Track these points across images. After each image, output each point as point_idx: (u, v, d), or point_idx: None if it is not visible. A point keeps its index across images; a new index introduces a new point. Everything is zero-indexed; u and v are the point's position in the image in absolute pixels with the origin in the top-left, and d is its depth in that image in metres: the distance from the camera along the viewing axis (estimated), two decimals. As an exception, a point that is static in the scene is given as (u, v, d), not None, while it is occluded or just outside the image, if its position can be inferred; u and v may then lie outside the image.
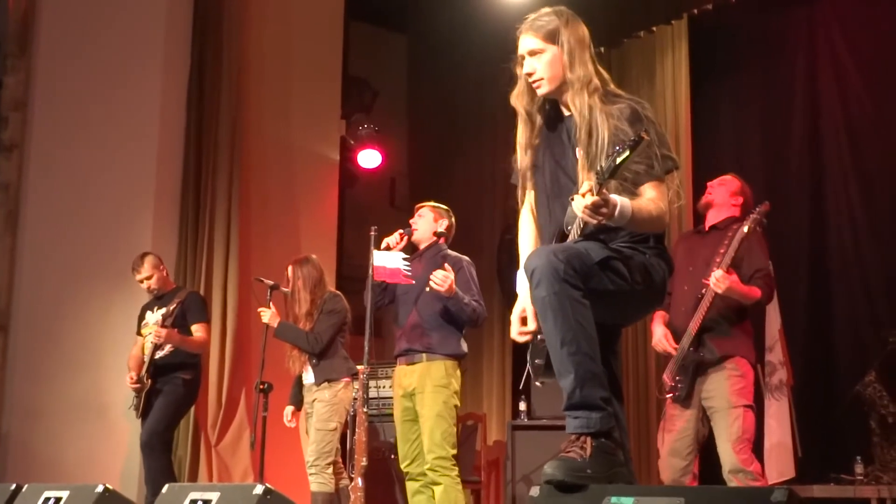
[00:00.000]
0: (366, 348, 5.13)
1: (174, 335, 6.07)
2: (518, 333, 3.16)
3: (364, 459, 5.14)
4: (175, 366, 6.15)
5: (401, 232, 5.21)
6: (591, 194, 2.70)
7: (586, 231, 2.96)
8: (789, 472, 6.32)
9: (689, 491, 2.72)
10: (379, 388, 7.06)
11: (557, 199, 3.13)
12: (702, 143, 7.92)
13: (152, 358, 6.10)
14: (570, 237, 2.99)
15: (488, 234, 9.38)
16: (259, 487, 3.17)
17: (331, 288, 6.27)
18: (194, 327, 6.24)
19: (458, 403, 5.13)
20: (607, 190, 2.74)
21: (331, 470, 5.78)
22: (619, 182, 2.79)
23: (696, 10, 7.84)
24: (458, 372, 5.17)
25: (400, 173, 10.14)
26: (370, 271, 5.16)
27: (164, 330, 6.03)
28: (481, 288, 5.34)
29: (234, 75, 7.44)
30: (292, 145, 7.89)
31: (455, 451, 5.00)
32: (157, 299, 6.33)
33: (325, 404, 5.85)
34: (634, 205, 2.84)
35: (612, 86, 3.14)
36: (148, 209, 7.16)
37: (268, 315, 5.91)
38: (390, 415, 6.48)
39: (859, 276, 7.16)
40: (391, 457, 6.68)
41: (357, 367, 5.92)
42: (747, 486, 4.24)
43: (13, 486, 4.01)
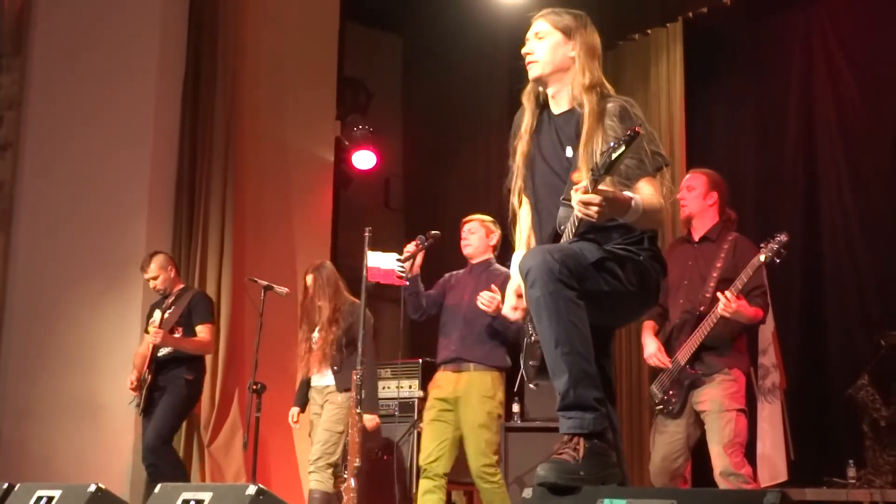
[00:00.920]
0: (359, 349, 5.14)
1: (168, 337, 6.08)
2: (511, 308, 3.17)
3: (357, 460, 5.14)
4: (177, 362, 6.15)
5: (416, 242, 5.29)
6: (588, 191, 2.71)
7: (580, 230, 2.96)
8: (782, 476, 6.33)
9: (682, 493, 2.73)
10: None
11: (549, 199, 3.14)
12: (696, 146, 7.93)
13: (154, 355, 6.12)
14: (564, 237, 2.99)
15: (482, 235, 9.37)
16: (252, 488, 3.16)
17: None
18: (199, 328, 6.25)
19: (501, 413, 5.37)
20: (605, 186, 2.75)
21: (331, 471, 5.88)
22: (614, 179, 2.79)
23: (690, 13, 7.86)
24: (503, 383, 5.36)
25: (395, 174, 10.13)
26: (364, 272, 5.17)
27: (160, 331, 6.06)
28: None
29: (229, 75, 7.43)
30: (287, 146, 7.88)
31: (498, 458, 5.29)
32: (166, 298, 6.35)
33: (336, 407, 5.95)
34: (641, 198, 2.86)
35: (607, 88, 3.17)
36: (142, 209, 7.15)
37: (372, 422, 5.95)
38: (383, 415, 6.50)
39: (852, 279, 7.17)
40: (384, 457, 6.68)
41: None
42: (739, 489, 4.25)
43: (5, 486, 3.99)
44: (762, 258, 4.45)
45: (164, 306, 6.28)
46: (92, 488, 3.62)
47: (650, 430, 4.96)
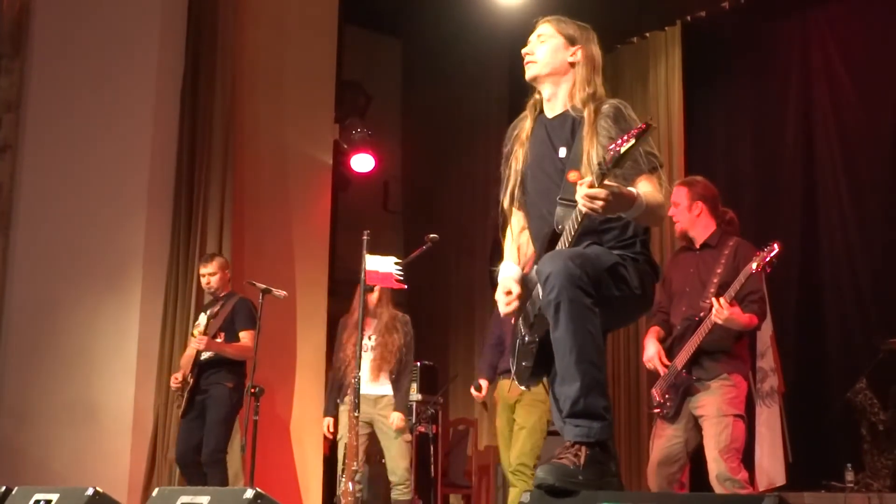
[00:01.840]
0: (358, 354, 5.13)
1: (212, 343, 6.15)
2: (505, 304, 3.13)
3: (355, 464, 5.14)
4: (218, 365, 6.19)
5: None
6: (594, 185, 2.69)
7: (579, 230, 2.94)
8: (780, 479, 6.33)
9: (679, 498, 2.73)
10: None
11: (542, 203, 3.14)
12: (694, 149, 7.94)
13: (197, 359, 6.19)
14: (563, 236, 2.97)
15: (480, 238, 9.38)
16: (249, 492, 3.16)
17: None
18: (241, 334, 6.28)
19: (550, 418, 5.43)
20: (609, 182, 2.73)
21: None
22: (613, 177, 2.76)
23: (689, 17, 7.88)
24: None
25: (393, 177, 10.14)
26: (362, 275, 5.18)
27: (204, 337, 6.12)
28: (474, 291, 5.41)
29: (228, 78, 7.42)
30: (286, 148, 7.87)
31: (537, 462, 5.43)
32: (214, 303, 6.42)
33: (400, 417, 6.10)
34: (643, 194, 2.86)
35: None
36: (141, 211, 7.14)
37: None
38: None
39: (851, 283, 7.17)
40: (382, 461, 6.67)
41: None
42: (736, 494, 4.24)
43: (3, 488, 3.99)
44: (753, 266, 4.45)
45: (211, 312, 6.34)
46: (90, 492, 3.62)
47: (646, 434, 4.96)
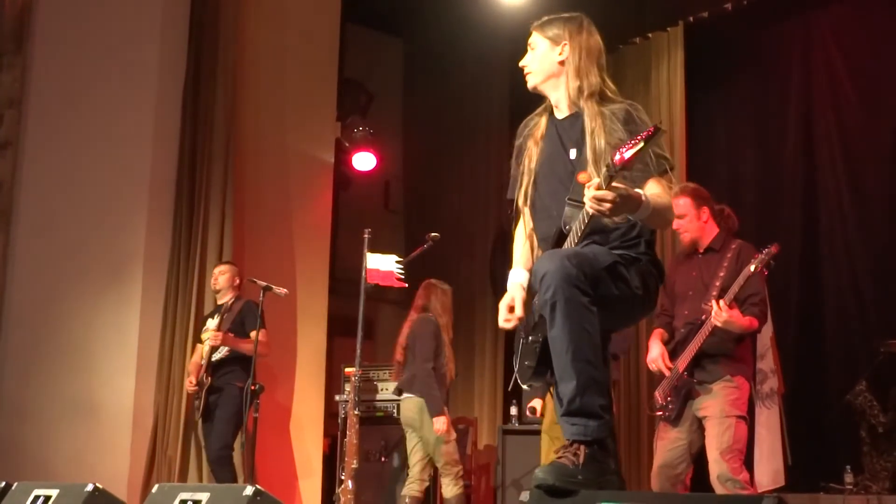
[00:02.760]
0: (357, 352, 5.14)
1: (227, 338, 6.33)
2: (504, 320, 3.14)
3: (355, 462, 5.14)
4: (230, 364, 6.36)
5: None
6: (601, 187, 2.69)
7: (587, 231, 2.94)
8: (779, 481, 6.33)
9: (680, 498, 2.72)
10: (372, 390, 7.05)
11: (553, 204, 3.13)
12: (696, 150, 7.94)
13: (210, 360, 6.35)
14: (570, 236, 2.97)
15: (481, 238, 9.39)
16: (249, 489, 3.16)
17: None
18: (252, 334, 6.33)
19: None
20: (617, 184, 2.73)
21: None
22: (622, 179, 2.75)
23: (691, 18, 7.88)
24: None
25: (394, 176, 10.14)
26: (363, 274, 5.18)
27: (219, 333, 6.31)
28: (474, 291, 5.39)
29: (230, 76, 7.42)
30: (287, 147, 7.88)
31: None
32: (219, 308, 6.61)
33: None
34: (650, 196, 2.85)
35: (609, 91, 3.16)
36: (141, 209, 7.14)
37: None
38: (380, 417, 6.51)
39: (851, 285, 7.17)
40: (381, 459, 6.68)
41: None
42: (737, 494, 4.24)
43: (2, 484, 3.98)
44: (752, 268, 4.45)
45: (220, 314, 6.51)
46: (89, 488, 3.61)
47: (646, 435, 4.96)
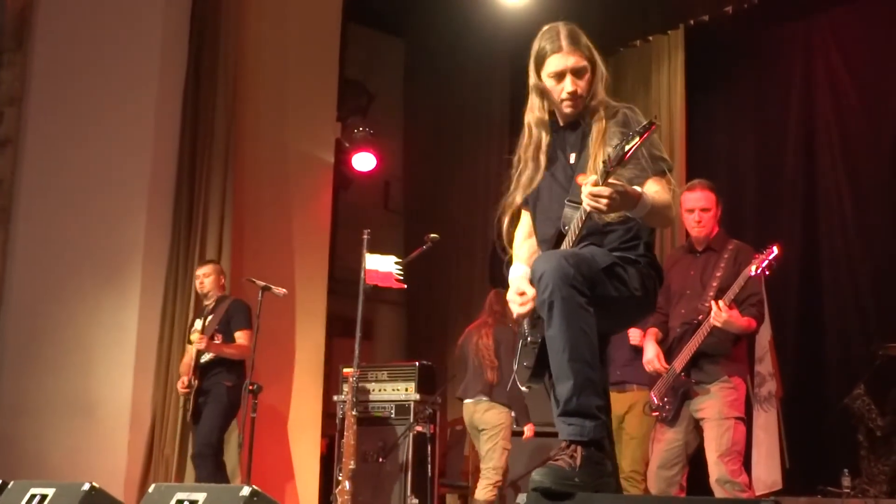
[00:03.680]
0: (356, 352, 5.14)
1: (210, 344, 6.27)
2: (520, 305, 3.07)
3: (352, 462, 5.14)
4: (219, 366, 6.30)
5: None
6: (598, 184, 2.68)
7: (584, 231, 2.94)
8: (777, 484, 6.34)
9: (678, 501, 2.72)
10: (370, 391, 7.03)
11: (552, 207, 3.13)
12: (696, 153, 7.94)
13: (198, 362, 6.29)
14: (568, 236, 2.97)
15: (481, 239, 9.38)
16: (246, 489, 3.15)
17: None
18: (237, 334, 6.36)
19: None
20: (615, 180, 2.72)
21: None
22: (619, 179, 2.74)
23: (692, 21, 7.88)
24: None
25: (394, 177, 10.14)
26: (362, 274, 5.18)
27: (204, 337, 6.24)
28: (474, 291, 5.40)
29: (231, 75, 7.42)
30: (287, 147, 7.87)
31: (645, 467, 5.55)
32: (206, 307, 6.55)
33: None
34: (649, 194, 2.85)
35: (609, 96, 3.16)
36: (141, 208, 7.13)
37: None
38: (378, 417, 6.50)
39: (850, 288, 7.18)
40: (380, 460, 6.67)
41: None
42: (736, 497, 4.24)
43: (-1, 483, 3.99)
44: (752, 269, 4.45)
45: (205, 315, 6.46)
46: (86, 487, 3.61)
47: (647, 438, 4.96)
